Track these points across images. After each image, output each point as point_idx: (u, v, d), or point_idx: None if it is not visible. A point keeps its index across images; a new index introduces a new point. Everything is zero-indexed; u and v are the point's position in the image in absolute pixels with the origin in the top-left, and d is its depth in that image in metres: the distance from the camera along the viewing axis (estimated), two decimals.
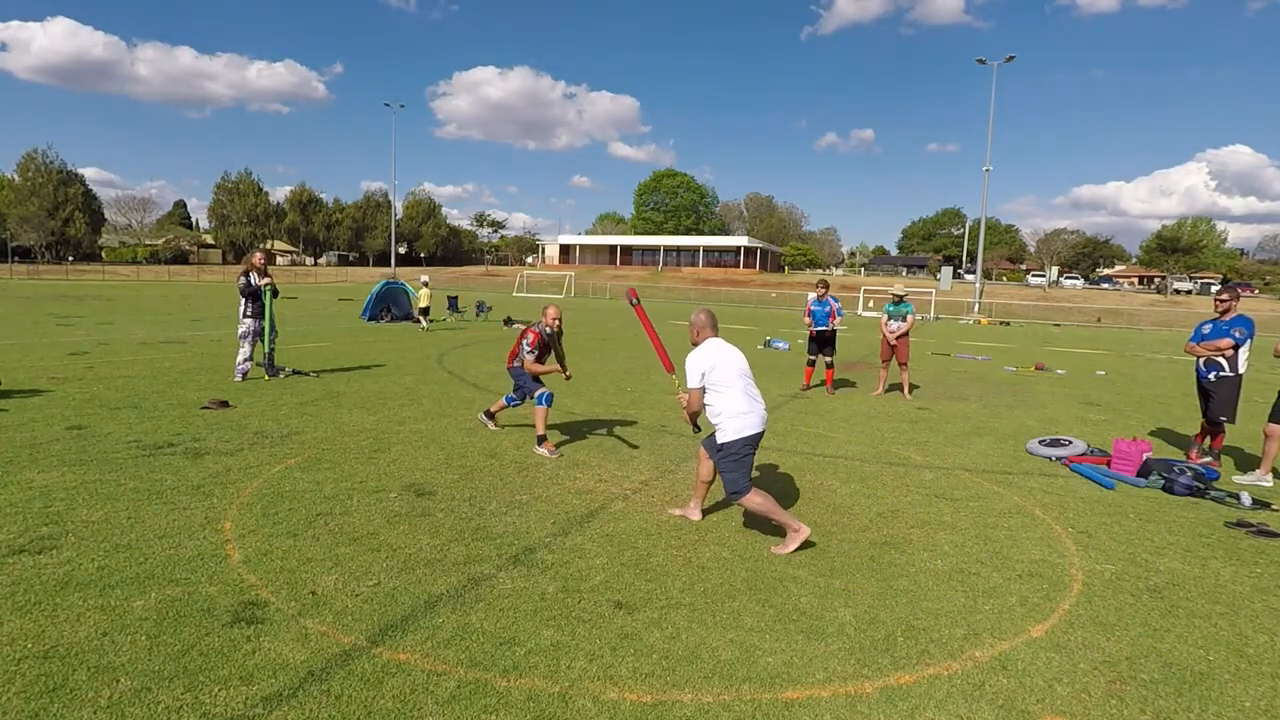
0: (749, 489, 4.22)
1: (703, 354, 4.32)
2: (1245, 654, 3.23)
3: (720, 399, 4.25)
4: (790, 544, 4.14)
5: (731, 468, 4.23)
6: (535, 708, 2.62)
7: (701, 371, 4.25)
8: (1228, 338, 6.56)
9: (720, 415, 4.26)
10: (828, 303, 10.36)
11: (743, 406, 4.23)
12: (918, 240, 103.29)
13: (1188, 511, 5.30)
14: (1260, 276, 70.24)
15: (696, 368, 4.27)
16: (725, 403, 4.24)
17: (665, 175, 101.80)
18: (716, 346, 4.38)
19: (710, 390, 4.27)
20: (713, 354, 4.31)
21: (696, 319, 4.52)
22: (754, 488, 4.25)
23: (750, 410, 4.25)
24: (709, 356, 4.29)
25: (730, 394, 4.24)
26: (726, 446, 4.24)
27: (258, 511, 4.45)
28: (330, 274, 68.20)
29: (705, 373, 4.25)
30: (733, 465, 4.23)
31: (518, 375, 6.51)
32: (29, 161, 68.16)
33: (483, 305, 23.64)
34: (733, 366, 4.29)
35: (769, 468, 6.05)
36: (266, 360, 9.33)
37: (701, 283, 59.12)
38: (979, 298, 40.76)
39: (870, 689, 2.84)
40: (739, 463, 4.22)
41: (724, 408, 4.24)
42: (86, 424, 6.50)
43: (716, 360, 4.28)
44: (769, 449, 6.68)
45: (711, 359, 4.28)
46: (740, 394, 4.25)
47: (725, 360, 4.30)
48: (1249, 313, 6.88)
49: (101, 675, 2.67)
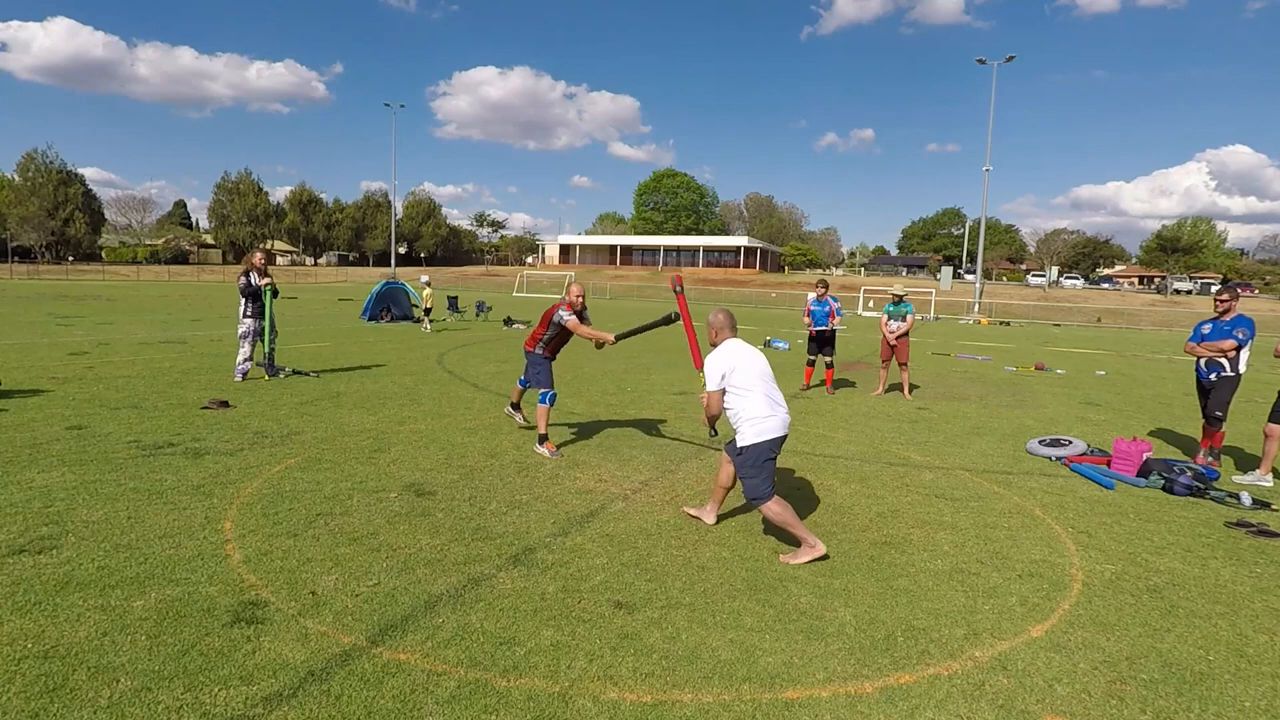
0: (770, 495, 4.11)
1: (723, 355, 4.24)
2: (1245, 654, 3.23)
3: (740, 402, 4.17)
4: (802, 556, 4.02)
5: (751, 473, 4.14)
6: (535, 708, 2.62)
7: (721, 373, 4.19)
8: (1231, 339, 6.52)
9: (740, 419, 4.18)
10: (827, 303, 10.37)
11: (763, 410, 4.14)
12: (918, 240, 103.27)
13: (1188, 511, 5.30)
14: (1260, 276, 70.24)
15: (716, 369, 4.20)
16: (745, 406, 4.16)
17: (665, 175, 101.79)
18: (737, 348, 4.31)
19: (730, 393, 4.19)
20: (733, 356, 4.24)
21: (715, 319, 4.45)
22: (775, 496, 4.14)
23: (771, 414, 4.15)
24: (729, 358, 4.22)
25: (751, 397, 4.16)
26: (746, 451, 4.15)
27: (258, 511, 4.45)
28: (330, 274, 68.21)
29: (725, 374, 4.18)
30: (753, 470, 4.13)
31: (534, 361, 6.39)
32: (29, 161, 68.15)
33: (483, 305, 23.62)
34: (754, 369, 4.21)
35: None
36: (266, 360, 9.33)
37: (701, 283, 59.08)
38: (979, 298, 40.75)
39: (870, 689, 2.84)
40: (759, 468, 4.13)
41: (744, 411, 4.16)
42: (86, 424, 6.50)
43: (737, 362, 4.21)
44: None
45: (732, 360, 4.22)
46: (761, 397, 4.16)
47: (746, 362, 4.23)
48: (1249, 313, 6.87)
49: (101, 675, 2.67)
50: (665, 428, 7.48)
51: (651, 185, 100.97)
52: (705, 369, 4.26)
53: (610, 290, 51.26)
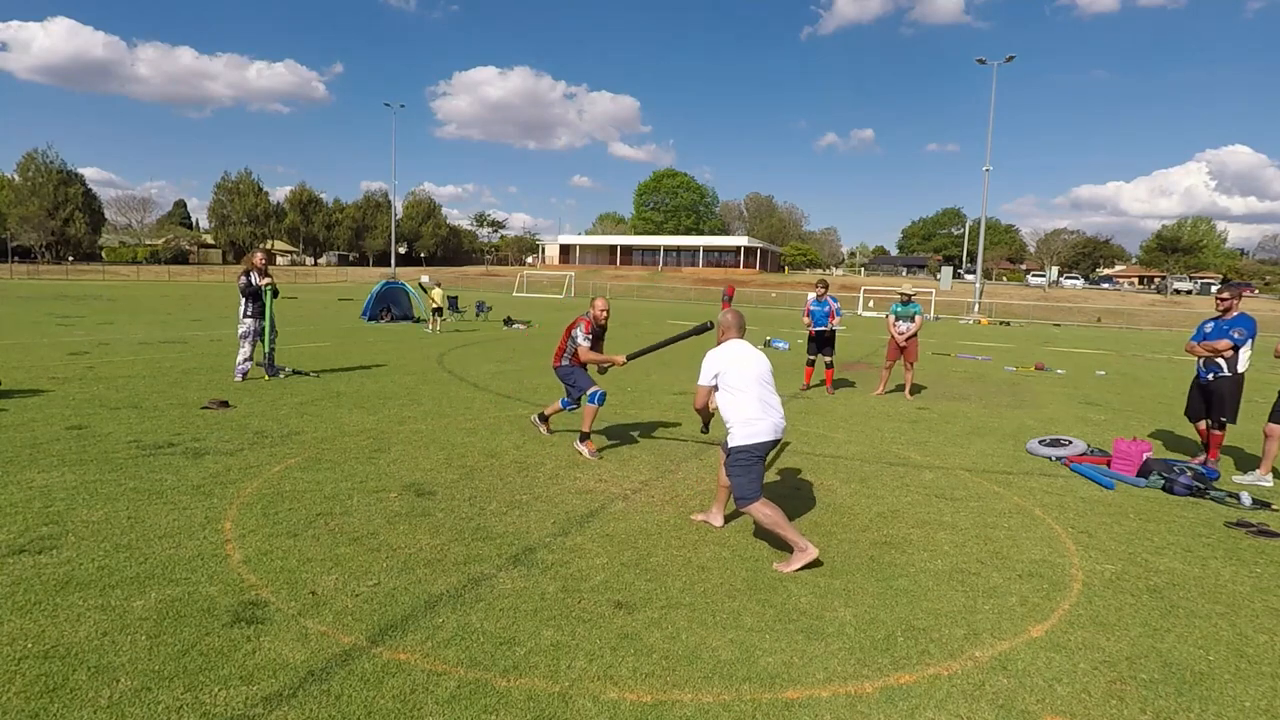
0: (757, 498, 4.08)
1: (719, 353, 4.29)
2: (1245, 654, 3.23)
3: (732, 402, 4.19)
4: (795, 563, 3.94)
5: (738, 473, 4.16)
6: (535, 708, 2.62)
7: (714, 371, 4.24)
8: (1226, 339, 6.55)
9: (731, 419, 4.21)
10: (827, 303, 10.37)
11: (754, 413, 4.14)
12: (918, 240, 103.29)
13: (1188, 511, 5.30)
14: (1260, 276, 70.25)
15: (710, 367, 4.27)
16: (736, 406, 4.18)
17: (665, 175, 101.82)
18: (736, 348, 4.32)
19: (723, 391, 4.23)
20: (730, 355, 4.27)
21: (724, 319, 4.52)
22: (764, 498, 4.11)
23: (762, 417, 4.14)
24: (724, 358, 4.26)
25: (743, 398, 4.17)
26: (734, 451, 4.17)
27: (258, 511, 4.45)
28: (330, 274, 68.20)
29: (719, 373, 4.23)
30: (739, 471, 4.13)
31: (566, 375, 6.31)
32: (29, 161, 68.18)
33: (483, 305, 23.63)
34: (750, 371, 4.22)
35: (769, 468, 6.05)
36: (266, 360, 9.34)
37: (701, 283, 59.06)
38: (979, 298, 40.76)
39: (870, 689, 2.84)
40: (745, 469, 4.12)
41: (734, 412, 4.18)
42: (86, 424, 6.50)
43: (730, 362, 4.24)
44: None
45: (725, 360, 4.25)
46: (754, 400, 4.16)
47: (742, 363, 4.24)
48: (1250, 313, 6.87)
49: (101, 675, 2.67)
50: (665, 428, 7.48)
51: (651, 185, 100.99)
52: (702, 364, 4.32)
53: (610, 290, 51.24)
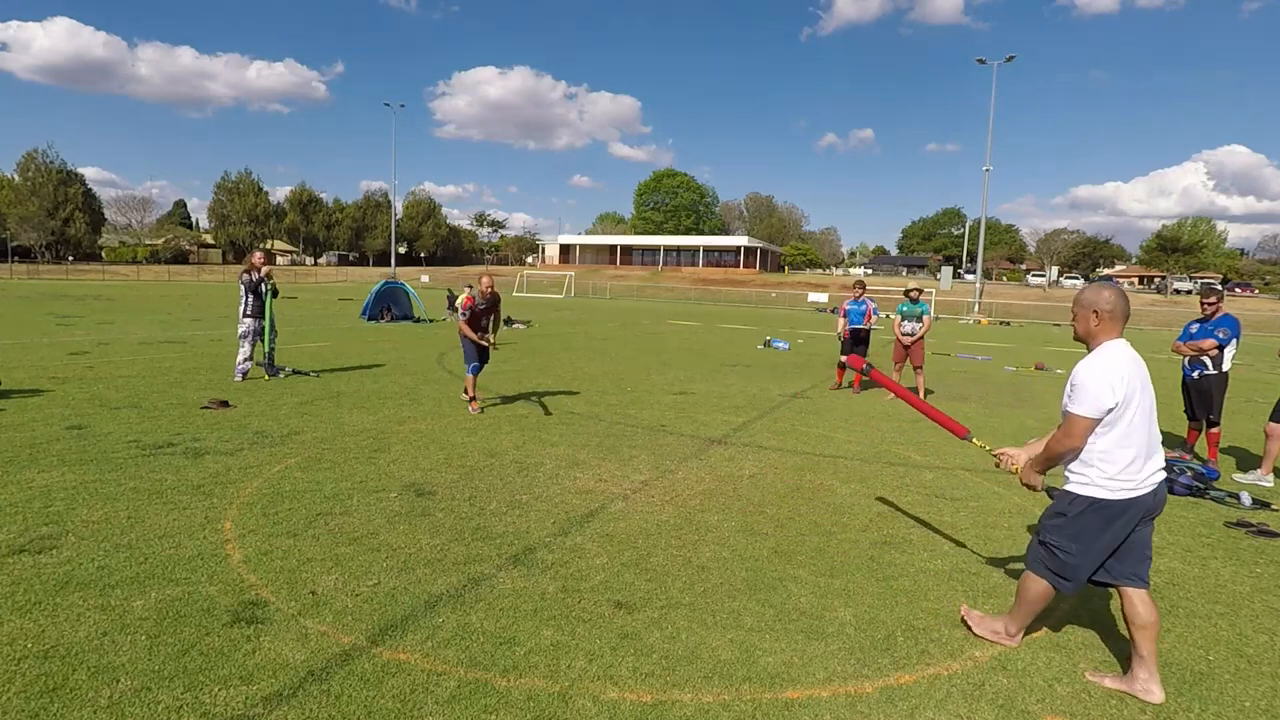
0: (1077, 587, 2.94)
1: (1114, 365, 2.79)
2: (1245, 654, 3.23)
3: (1107, 440, 2.81)
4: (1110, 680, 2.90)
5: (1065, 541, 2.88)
6: (535, 708, 2.62)
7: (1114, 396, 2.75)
8: (1211, 338, 6.77)
9: (1095, 461, 2.83)
10: (864, 303, 10.57)
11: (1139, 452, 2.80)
12: (918, 240, 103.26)
13: (1188, 511, 5.30)
14: (1260, 276, 70.25)
15: (1104, 384, 2.75)
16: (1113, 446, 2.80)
17: (665, 175, 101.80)
18: (1129, 359, 2.84)
19: (1107, 427, 2.79)
20: (1128, 369, 2.80)
21: (1100, 298, 2.89)
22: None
23: (1151, 455, 2.83)
24: (1123, 372, 2.78)
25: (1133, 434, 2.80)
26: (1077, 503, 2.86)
27: (258, 511, 4.45)
28: (330, 274, 68.21)
29: (1119, 403, 2.75)
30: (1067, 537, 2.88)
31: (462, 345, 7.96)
32: (29, 161, 68.18)
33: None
34: (1149, 394, 2.85)
35: (769, 467, 6.05)
36: (266, 360, 9.34)
37: (701, 283, 59.05)
38: (979, 297, 40.75)
39: (870, 689, 2.84)
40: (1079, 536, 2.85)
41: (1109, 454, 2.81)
42: (86, 424, 6.50)
43: (1133, 383, 2.79)
44: (770, 449, 6.69)
45: (1128, 377, 2.78)
46: (1145, 437, 2.82)
47: (1141, 383, 2.84)
48: (1250, 313, 6.96)
49: (101, 675, 2.67)
50: (665, 428, 7.48)
51: (651, 185, 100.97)
52: (1081, 380, 2.80)
53: (610, 290, 51.24)
